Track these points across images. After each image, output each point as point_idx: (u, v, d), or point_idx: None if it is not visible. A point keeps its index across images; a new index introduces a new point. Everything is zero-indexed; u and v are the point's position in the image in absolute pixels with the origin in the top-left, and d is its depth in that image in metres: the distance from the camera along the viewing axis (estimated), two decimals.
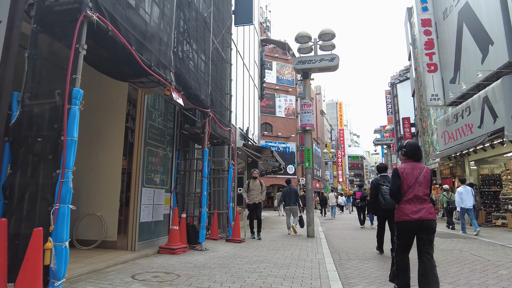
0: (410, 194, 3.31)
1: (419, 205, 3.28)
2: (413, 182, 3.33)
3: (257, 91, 17.33)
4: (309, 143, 9.58)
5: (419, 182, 3.32)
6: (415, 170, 3.38)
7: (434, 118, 19.07)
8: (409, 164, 3.44)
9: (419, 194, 3.29)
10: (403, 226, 3.33)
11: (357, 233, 10.34)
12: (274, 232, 10.19)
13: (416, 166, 3.42)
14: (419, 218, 3.23)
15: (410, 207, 3.28)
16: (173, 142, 7.15)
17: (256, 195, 8.45)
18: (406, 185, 3.35)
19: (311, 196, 9.28)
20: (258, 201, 8.43)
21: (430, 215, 3.25)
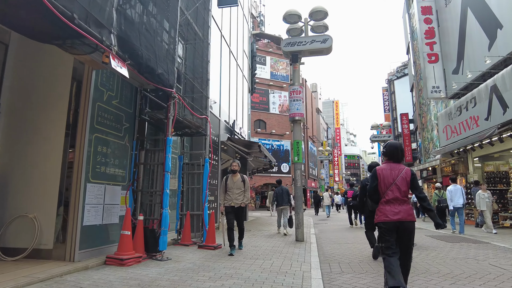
0: (389, 195, 3.32)
1: (399, 206, 3.28)
2: (391, 183, 3.33)
3: (246, 83, 16.21)
4: (299, 134, 8.47)
5: (397, 183, 3.31)
6: (393, 171, 3.37)
7: (434, 113, 18.06)
8: (388, 165, 3.44)
9: (397, 195, 3.29)
10: (382, 226, 3.32)
11: (352, 236, 9.26)
12: (259, 235, 9.08)
13: (395, 167, 3.41)
14: (398, 219, 3.24)
15: (390, 208, 3.30)
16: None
17: (236, 196, 6.13)
18: (384, 186, 3.35)
19: (301, 194, 8.17)
20: (240, 204, 6.15)
21: (409, 217, 3.26)
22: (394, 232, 3.26)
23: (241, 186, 6.22)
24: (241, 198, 6.18)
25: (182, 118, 5.97)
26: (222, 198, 6.26)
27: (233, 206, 6.14)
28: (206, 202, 7.03)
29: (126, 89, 5.94)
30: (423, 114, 20.24)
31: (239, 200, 6.15)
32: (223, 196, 6.25)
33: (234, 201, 6.13)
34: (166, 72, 5.18)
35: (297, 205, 8.13)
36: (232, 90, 12.96)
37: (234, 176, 6.33)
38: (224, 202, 6.20)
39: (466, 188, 13.85)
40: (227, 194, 6.18)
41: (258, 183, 29.73)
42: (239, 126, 13.11)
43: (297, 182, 8.20)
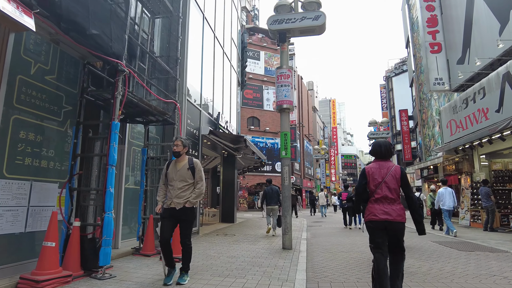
0: (378, 194, 3.25)
1: (388, 205, 3.20)
2: (379, 181, 3.26)
3: (235, 75, 15.05)
4: (287, 125, 7.32)
5: (386, 181, 3.24)
6: (382, 169, 3.31)
7: (436, 108, 16.99)
8: (377, 164, 3.38)
9: (387, 194, 3.21)
10: (370, 225, 3.26)
11: (348, 242, 8.14)
12: (243, 241, 7.93)
13: (384, 165, 3.34)
14: (385, 219, 3.15)
15: (378, 207, 3.22)
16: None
17: (179, 191, 4.01)
18: (373, 184, 3.29)
19: (289, 194, 7.02)
20: (184, 204, 4.00)
21: (398, 217, 3.15)
22: (383, 232, 3.18)
23: (187, 176, 4.02)
24: (186, 194, 3.98)
25: (137, 100, 4.80)
26: (160, 195, 4.16)
27: (173, 208, 3.96)
28: None
29: (67, 63, 4.76)
30: (424, 110, 19.18)
31: (183, 198, 3.96)
32: (162, 192, 4.17)
33: (174, 200, 3.96)
34: (108, 36, 4.01)
35: (285, 207, 6.98)
36: (217, 80, 11.80)
37: (178, 162, 4.13)
38: (162, 201, 4.14)
39: (472, 188, 12.80)
40: (169, 190, 4.11)
41: (251, 183, 28.57)
42: (225, 120, 11.95)
43: (285, 180, 7.05)
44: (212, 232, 9.98)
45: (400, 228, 3.15)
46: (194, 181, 4.08)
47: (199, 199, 4.14)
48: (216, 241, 7.89)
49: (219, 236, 8.91)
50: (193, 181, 4.08)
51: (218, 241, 7.98)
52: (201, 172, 4.15)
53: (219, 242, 7.71)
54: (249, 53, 30.34)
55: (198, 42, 9.86)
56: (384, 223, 3.14)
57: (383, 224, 3.15)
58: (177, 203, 3.98)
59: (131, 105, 4.97)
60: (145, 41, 6.26)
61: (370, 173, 3.33)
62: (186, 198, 4.01)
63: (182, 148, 4.17)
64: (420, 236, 4.02)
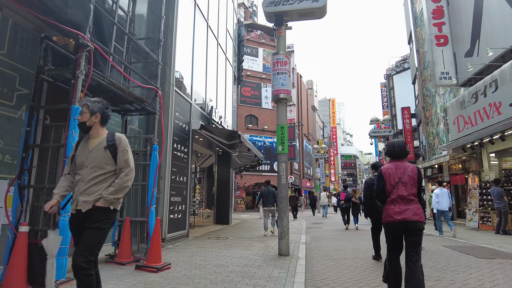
0: (394, 194, 3.21)
1: (404, 205, 3.15)
2: (396, 182, 3.22)
3: (231, 69, 14.31)
4: (284, 117, 6.59)
5: (403, 182, 3.20)
6: (398, 169, 3.26)
7: (441, 105, 16.29)
8: (393, 164, 3.34)
9: (403, 194, 3.17)
10: (387, 227, 3.23)
11: (351, 247, 7.41)
12: (236, 245, 7.19)
13: (400, 165, 3.30)
14: (402, 219, 3.09)
15: (394, 207, 3.18)
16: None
17: (89, 184, 2.52)
18: (390, 185, 3.25)
19: (286, 194, 6.29)
20: (92, 203, 2.48)
21: (415, 216, 3.08)
22: (400, 233, 3.15)
23: (103, 160, 2.58)
24: (99, 188, 2.52)
25: (106, 82, 4.06)
26: (59, 187, 2.61)
27: (79, 211, 2.49)
28: (153, 204, 5.12)
29: (22, 38, 4.03)
30: (427, 107, 18.48)
31: (93, 195, 2.50)
32: (63, 183, 2.63)
33: (80, 198, 2.50)
34: (64, 1, 3.28)
35: (281, 208, 6.25)
36: (211, 72, 11.07)
37: (91, 139, 2.67)
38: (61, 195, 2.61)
39: (480, 188, 12.10)
40: (76, 182, 2.59)
41: (249, 183, 27.83)
42: (219, 114, 11.21)
43: (282, 179, 6.32)
44: (204, 235, 9.24)
45: (418, 227, 3.08)
46: (118, 167, 2.60)
47: (120, 195, 2.56)
48: (206, 246, 7.15)
49: (210, 240, 8.18)
50: (114, 169, 2.60)
51: (208, 245, 7.25)
52: (127, 154, 2.62)
53: (209, 247, 6.98)
54: (247, 50, 29.63)
55: (188, 30, 9.13)
56: (401, 224, 3.09)
57: (401, 225, 3.10)
58: (84, 202, 2.47)
59: (100, 89, 4.24)
60: (124, 21, 5.53)
61: (387, 174, 3.26)
62: (97, 194, 2.50)
63: (89, 116, 2.63)
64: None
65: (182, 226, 8.22)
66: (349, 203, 11.98)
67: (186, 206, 8.48)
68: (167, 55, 7.75)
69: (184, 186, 8.37)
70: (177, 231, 7.88)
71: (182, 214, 8.21)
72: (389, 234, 3.24)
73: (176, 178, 7.84)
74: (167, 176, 7.36)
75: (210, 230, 10.59)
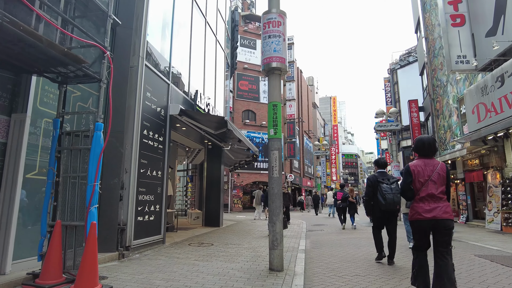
0: (423, 192, 3.13)
1: (433, 203, 3.08)
2: (426, 179, 3.15)
3: (222, 53, 12.89)
4: (277, 93, 5.18)
5: (432, 179, 3.13)
6: (427, 166, 3.19)
7: (454, 95, 14.85)
8: (421, 161, 3.26)
9: (433, 192, 3.10)
10: (416, 225, 3.17)
11: (362, 255, 6.00)
12: (218, 255, 5.78)
13: (429, 162, 3.22)
14: (432, 217, 3.04)
15: (423, 205, 3.11)
16: None
17: None
18: (419, 182, 3.18)
19: (279, 191, 4.88)
20: None
21: (445, 215, 3.04)
22: (428, 231, 3.09)
23: None
24: None
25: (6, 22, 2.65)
26: None
27: None
28: (96, 203, 3.70)
29: None
30: (438, 98, 17.03)
31: None
32: None
33: None
34: None
35: (273, 209, 4.83)
36: (196, 53, 9.67)
37: None
38: None
39: (502, 185, 10.67)
40: None
41: (246, 181, 26.38)
42: (206, 101, 9.80)
43: (273, 171, 4.91)
44: (186, 240, 7.84)
45: (448, 225, 3.02)
46: None
47: None
48: (181, 256, 5.75)
49: (190, 247, 6.78)
50: None
51: (185, 255, 5.84)
52: None
53: (184, 257, 5.57)
54: (244, 42, 28.24)
55: None
56: (430, 222, 3.04)
57: (430, 223, 3.05)
58: None
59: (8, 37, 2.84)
60: None
61: (416, 171, 3.20)
62: None
63: None
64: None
65: (156, 230, 6.81)
66: (346, 203, 11.81)
67: (162, 206, 7.07)
68: (137, 23, 6.36)
69: (159, 182, 6.96)
70: (149, 237, 6.48)
71: (156, 215, 6.80)
72: (417, 232, 3.19)
73: (146, 172, 6.43)
74: (133, 169, 5.96)
75: (196, 233, 9.18)
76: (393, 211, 5.10)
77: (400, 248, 6.16)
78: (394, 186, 5.05)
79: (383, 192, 4.94)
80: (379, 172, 5.46)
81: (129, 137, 6.02)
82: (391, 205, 4.87)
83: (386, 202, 4.88)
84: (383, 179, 5.15)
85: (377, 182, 5.14)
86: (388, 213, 5.08)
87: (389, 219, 5.21)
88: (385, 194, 4.92)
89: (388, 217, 5.19)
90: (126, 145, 5.98)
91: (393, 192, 4.96)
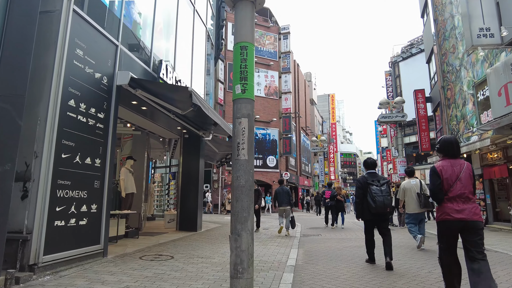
0: (452, 192, 3.08)
1: (462, 204, 3.03)
2: (454, 180, 3.10)
3: (203, 27, 11.06)
4: (248, 30, 3.36)
5: (461, 179, 3.09)
6: (454, 167, 3.15)
7: (469, 79, 13.07)
8: (447, 162, 3.21)
9: (462, 192, 3.05)
10: (444, 226, 3.11)
11: (376, 274, 4.20)
12: (172, 276, 3.97)
13: (456, 163, 3.19)
14: (461, 218, 2.99)
15: (452, 206, 3.06)
16: None
17: None
18: (447, 183, 3.11)
19: (249, 184, 3.07)
20: None
21: (475, 216, 2.99)
22: (456, 233, 3.05)
23: None
24: None
25: None
26: None
27: None
28: None
29: None
30: (449, 86, 15.25)
31: None
32: None
33: None
34: None
35: (236, 211, 3.00)
36: (165, 17, 7.83)
37: None
38: None
39: None
40: None
41: None
42: (174, 76, 7.94)
43: (239, 150, 3.08)
44: (141, 250, 6.00)
45: (478, 226, 2.97)
46: None
47: None
48: (112, 278, 3.92)
49: (140, 261, 4.96)
50: None
51: (120, 276, 4.02)
52: None
53: (115, 281, 3.75)
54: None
55: None
56: (459, 223, 2.99)
57: (459, 224, 3.00)
58: None
59: None
60: None
61: (444, 172, 3.14)
62: None
63: None
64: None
65: (91, 238, 4.97)
66: (333, 201, 11.75)
67: (102, 207, 5.22)
68: None
69: (97, 173, 5.12)
70: (76, 248, 4.64)
71: (91, 219, 4.96)
72: (444, 233, 3.10)
73: (73, 158, 4.60)
74: (47, 152, 4.15)
75: (161, 240, 7.35)
76: (385, 214, 4.88)
77: None
78: (384, 188, 4.85)
79: (373, 195, 4.78)
80: (368, 173, 5.20)
81: (43, 108, 4.21)
82: (382, 208, 4.70)
83: (376, 205, 4.71)
84: (373, 181, 4.94)
85: (367, 183, 4.94)
86: (379, 215, 4.87)
87: (380, 222, 4.96)
88: (375, 196, 4.75)
89: (379, 220, 4.94)
90: (39, 119, 4.16)
91: (383, 194, 4.78)
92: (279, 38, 28.26)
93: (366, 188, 4.91)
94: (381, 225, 4.95)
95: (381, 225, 4.94)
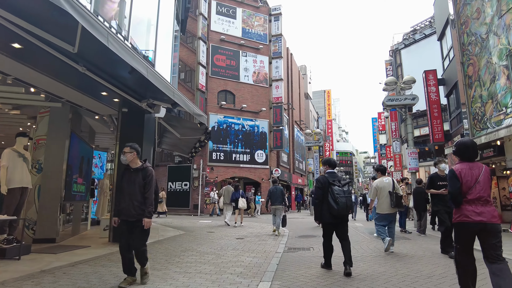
0: (471, 195, 3.07)
1: (481, 207, 3.03)
2: (473, 183, 3.10)
3: None
4: None
5: (479, 182, 3.09)
6: (473, 170, 3.15)
7: (501, 48, 10.36)
8: (466, 165, 3.20)
9: (481, 194, 3.05)
10: (462, 227, 3.10)
11: None
12: None
13: (474, 165, 3.18)
14: (481, 220, 2.99)
15: (471, 208, 3.04)
16: None
17: None
18: (466, 186, 3.11)
19: None
20: None
21: (494, 219, 3.01)
22: (474, 235, 3.05)
23: None
24: None
25: None
26: None
27: None
28: None
29: None
30: (471, 60, 12.55)
31: None
32: None
33: None
34: None
35: None
36: None
37: None
38: None
39: None
40: None
41: (222, 176, 21.56)
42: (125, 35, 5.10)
43: None
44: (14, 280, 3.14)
45: (497, 229, 2.99)
46: None
47: None
48: None
49: None
50: None
51: None
52: None
53: None
54: (222, 10, 23.57)
55: None
56: (478, 226, 2.99)
57: (477, 226, 2.99)
58: None
59: None
60: None
61: (462, 175, 3.13)
62: None
63: None
64: None
65: None
66: None
67: None
68: None
69: None
70: None
71: None
72: (462, 234, 3.11)
73: None
74: None
75: (52, 265, 4.49)
76: (346, 216, 4.69)
77: None
78: (346, 189, 4.62)
79: (335, 196, 4.49)
80: (329, 172, 4.90)
81: None
82: (344, 210, 4.48)
83: (338, 207, 4.46)
84: (334, 181, 4.66)
85: (328, 183, 4.64)
86: (340, 218, 4.61)
87: (339, 224, 4.67)
88: (338, 197, 4.47)
89: (339, 222, 4.65)
90: None
91: (345, 195, 4.54)
92: (270, 20, 25.42)
93: (327, 189, 4.62)
94: (340, 228, 4.68)
95: (341, 229, 4.68)
